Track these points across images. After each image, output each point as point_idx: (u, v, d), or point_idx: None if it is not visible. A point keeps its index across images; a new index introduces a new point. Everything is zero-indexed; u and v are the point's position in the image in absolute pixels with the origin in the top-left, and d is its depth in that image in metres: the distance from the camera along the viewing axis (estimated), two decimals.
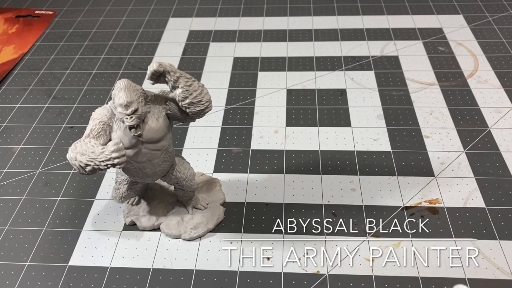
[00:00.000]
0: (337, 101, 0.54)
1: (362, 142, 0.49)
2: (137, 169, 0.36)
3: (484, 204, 0.42)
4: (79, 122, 0.53)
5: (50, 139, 0.51)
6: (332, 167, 0.46)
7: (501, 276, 0.36)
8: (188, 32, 0.68)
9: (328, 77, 0.58)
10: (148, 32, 0.69)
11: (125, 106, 0.32)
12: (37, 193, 0.45)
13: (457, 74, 0.57)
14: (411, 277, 0.36)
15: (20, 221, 0.42)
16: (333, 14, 0.70)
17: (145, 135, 0.34)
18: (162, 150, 0.35)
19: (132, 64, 0.62)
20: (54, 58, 0.64)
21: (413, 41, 0.64)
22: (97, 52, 0.65)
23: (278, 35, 0.67)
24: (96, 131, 0.34)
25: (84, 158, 0.32)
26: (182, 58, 0.63)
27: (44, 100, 0.57)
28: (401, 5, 0.72)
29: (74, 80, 0.60)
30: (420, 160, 0.46)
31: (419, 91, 0.55)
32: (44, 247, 0.40)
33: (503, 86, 0.55)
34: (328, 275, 0.37)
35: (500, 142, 0.48)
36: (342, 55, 0.62)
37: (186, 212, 0.42)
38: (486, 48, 0.61)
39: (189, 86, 0.34)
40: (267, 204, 0.43)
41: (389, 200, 0.42)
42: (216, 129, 0.51)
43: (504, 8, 0.70)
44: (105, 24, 0.72)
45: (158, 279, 0.37)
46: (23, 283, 0.38)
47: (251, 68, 0.60)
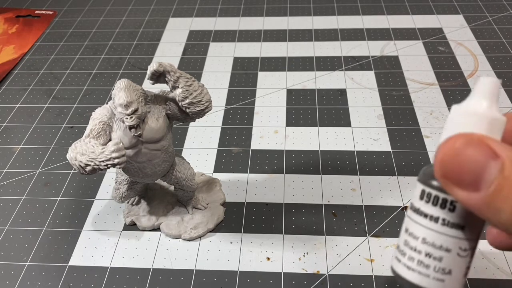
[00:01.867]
0: (337, 101, 0.54)
1: (362, 142, 0.49)
2: (137, 169, 0.36)
3: None
4: (79, 122, 0.53)
5: (50, 139, 0.51)
6: (332, 167, 0.46)
7: (501, 276, 0.36)
8: (188, 32, 0.68)
9: (328, 77, 0.58)
10: (148, 32, 0.69)
11: (125, 106, 0.32)
12: (37, 193, 0.45)
13: (457, 74, 0.57)
14: None
15: (20, 221, 0.42)
16: (333, 14, 0.70)
17: (145, 135, 0.34)
18: (162, 150, 0.35)
19: (132, 64, 0.62)
20: (54, 58, 0.64)
21: (413, 41, 0.64)
22: (97, 52, 0.65)
23: (278, 35, 0.67)
24: (96, 131, 0.34)
25: (84, 158, 0.32)
26: (182, 58, 0.63)
27: (44, 100, 0.57)
28: (401, 5, 0.72)
29: (74, 80, 0.60)
30: (420, 160, 0.46)
31: (419, 91, 0.55)
32: (44, 247, 0.40)
33: (503, 86, 0.55)
34: (328, 275, 0.37)
35: None
36: (342, 55, 0.62)
37: (186, 212, 0.42)
38: (486, 48, 0.61)
39: (189, 86, 0.34)
40: (267, 204, 0.43)
41: (389, 200, 0.42)
42: (216, 129, 0.51)
43: (504, 8, 0.70)
44: (105, 24, 0.72)
45: (158, 279, 0.37)
46: (23, 283, 0.38)
47: (251, 68, 0.60)
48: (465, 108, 0.19)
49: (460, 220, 0.19)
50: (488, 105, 0.19)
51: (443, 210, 0.19)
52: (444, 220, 0.19)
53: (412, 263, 0.20)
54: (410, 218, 0.20)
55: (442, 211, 0.19)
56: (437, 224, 0.19)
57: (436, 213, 0.19)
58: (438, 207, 0.19)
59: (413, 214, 0.20)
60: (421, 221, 0.20)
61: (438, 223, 0.19)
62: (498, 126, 0.19)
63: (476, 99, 0.19)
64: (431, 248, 0.19)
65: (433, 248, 0.19)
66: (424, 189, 0.20)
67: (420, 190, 0.20)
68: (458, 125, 0.19)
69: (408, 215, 0.21)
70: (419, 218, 0.20)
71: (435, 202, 0.19)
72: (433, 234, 0.19)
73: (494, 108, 0.19)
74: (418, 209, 0.20)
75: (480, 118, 0.19)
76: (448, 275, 0.19)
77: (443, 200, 0.19)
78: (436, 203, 0.19)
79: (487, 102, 0.19)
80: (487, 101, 0.19)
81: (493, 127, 0.19)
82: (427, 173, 0.20)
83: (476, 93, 0.19)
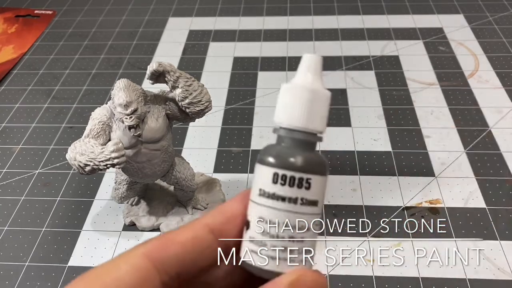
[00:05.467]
0: (337, 101, 0.54)
1: (363, 142, 0.48)
2: (137, 169, 0.35)
3: (485, 204, 0.42)
4: (78, 122, 0.53)
5: (50, 139, 0.51)
6: (332, 167, 0.46)
7: (502, 276, 0.36)
8: (188, 32, 0.68)
9: (329, 77, 0.58)
10: (148, 32, 0.69)
11: (125, 106, 0.32)
12: (37, 193, 0.45)
13: (457, 74, 0.57)
14: (412, 278, 0.36)
15: (19, 221, 0.42)
16: (333, 14, 0.70)
17: (144, 135, 0.34)
18: (162, 150, 0.35)
19: (131, 64, 0.62)
20: (53, 58, 0.64)
21: (414, 41, 0.63)
22: (97, 52, 0.65)
23: (278, 35, 0.66)
24: (95, 131, 0.34)
25: (84, 158, 0.32)
26: (182, 58, 0.63)
27: (43, 100, 0.57)
28: (401, 5, 0.72)
29: (74, 80, 0.60)
30: (420, 160, 0.46)
31: (420, 91, 0.55)
32: (43, 247, 0.40)
33: (504, 86, 0.55)
34: (329, 276, 0.37)
35: (501, 142, 0.48)
36: (343, 54, 0.62)
37: (186, 212, 0.42)
38: (487, 48, 0.61)
39: (188, 86, 0.34)
40: None
41: (390, 200, 0.42)
42: (216, 129, 0.51)
43: (505, 7, 0.70)
44: (104, 23, 0.71)
45: None
46: (22, 284, 0.37)
47: (251, 68, 0.60)
48: (293, 83, 0.20)
49: (315, 196, 0.19)
50: (312, 79, 0.20)
51: (300, 189, 0.19)
52: (303, 199, 0.19)
53: (275, 252, 0.19)
54: (263, 206, 0.19)
55: (300, 191, 0.19)
56: (297, 205, 0.19)
57: (294, 194, 0.19)
58: (295, 187, 0.19)
59: (267, 201, 0.19)
60: (278, 205, 0.19)
61: (298, 204, 0.19)
62: (323, 98, 0.20)
63: (302, 73, 0.20)
64: (293, 231, 0.19)
65: (295, 231, 0.19)
66: (277, 172, 0.19)
67: (272, 174, 0.19)
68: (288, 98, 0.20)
69: (258, 202, 0.20)
70: (275, 203, 0.19)
71: (292, 183, 0.19)
72: (294, 216, 0.19)
73: (318, 81, 0.20)
74: (274, 194, 0.19)
75: (306, 90, 0.20)
76: (310, 253, 0.20)
77: (300, 179, 0.19)
78: (293, 183, 0.19)
79: (311, 75, 0.20)
80: (311, 75, 0.20)
81: (318, 98, 0.20)
82: (278, 155, 0.19)
83: (301, 69, 0.20)
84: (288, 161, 0.19)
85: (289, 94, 0.20)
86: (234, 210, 0.20)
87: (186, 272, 0.19)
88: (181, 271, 0.19)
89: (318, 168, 0.19)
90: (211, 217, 0.20)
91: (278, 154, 0.19)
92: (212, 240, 0.19)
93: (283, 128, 0.20)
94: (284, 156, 0.19)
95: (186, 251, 0.19)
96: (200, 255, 0.19)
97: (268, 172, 0.19)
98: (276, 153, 0.20)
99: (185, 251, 0.19)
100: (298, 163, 0.19)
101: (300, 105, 0.20)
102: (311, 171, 0.19)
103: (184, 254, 0.19)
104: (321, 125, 0.20)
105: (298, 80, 0.20)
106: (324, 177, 0.20)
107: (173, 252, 0.19)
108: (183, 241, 0.19)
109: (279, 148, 0.20)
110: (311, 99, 0.19)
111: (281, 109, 0.20)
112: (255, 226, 0.20)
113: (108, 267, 0.17)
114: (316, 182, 0.19)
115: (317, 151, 0.20)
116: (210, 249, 0.19)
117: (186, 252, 0.19)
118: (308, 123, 0.20)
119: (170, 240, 0.19)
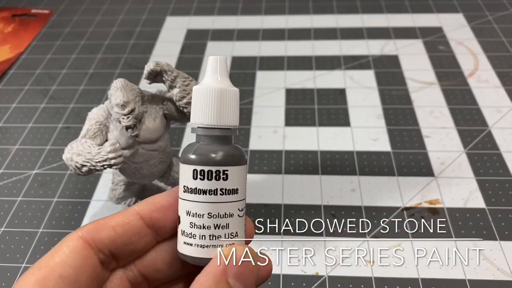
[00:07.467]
0: (336, 100, 0.54)
1: (362, 142, 0.48)
2: (134, 169, 0.35)
3: (485, 204, 0.41)
4: (75, 122, 0.53)
5: (46, 139, 0.51)
6: (332, 168, 0.45)
7: (502, 277, 0.36)
8: (186, 31, 0.68)
9: (328, 77, 0.58)
10: (145, 31, 0.68)
11: (122, 106, 0.31)
12: (33, 194, 0.45)
13: (457, 73, 0.57)
14: (411, 278, 0.36)
15: (16, 222, 0.42)
16: (332, 13, 0.70)
17: (142, 135, 0.33)
18: (159, 151, 0.35)
19: (129, 63, 0.62)
20: (50, 58, 0.64)
21: (413, 40, 0.63)
22: (94, 51, 0.65)
23: (277, 34, 0.66)
24: (92, 131, 0.33)
25: (80, 159, 0.32)
26: (180, 57, 0.63)
27: (40, 100, 0.56)
28: (400, 4, 0.71)
29: (71, 80, 0.59)
30: (420, 160, 0.46)
31: (419, 90, 0.55)
32: (40, 249, 0.40)
33: (503, 86, 0.55)
34: (328, 277, 0.36)
35: (501, 142, 0.47)
36: (342, 54, 0.61)
37: None
38: (486, 47, 0.61)
39: (186, 85, 0.33)
40: (265, 205, 0.42)
41: (389, 201, 0.42)
42: None
43: (504, 7, 0.69)
44: (101, 23, 0.71)
45: None
46: None
47: (249, 67, 0.60)
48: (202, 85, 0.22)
49: (234, 185, 0.21)
50: (219, 78, 0.22)
51: (218, 181, 0.21)
52: (222, 190, 0.21)
53: (205, 241, 0.21)
54: (188, 201, 0.21)
55: (218, 182, 0.21)
56: (217, 196, 0.21)
57: (213, 186, 0.21)
58: (214, 180, 0.21)
59: (191, 196, 0.21)
60: (201, 198, 0.21)
61: (218, 194, 0.21)
62: (231, 95, 0.22)
63: (209, 75, 0.22)
64: (217, 219, 0.21)
65: (220, 218, 0.21)
66: (196, 168, 0.21)
67: (192, 171, 0.21)
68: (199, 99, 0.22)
69: (184, 198, 0.21)
70: (198, 197, 0.21)
71: (210, 177, 0.21)
72: (216, 206, 0.21)
73: (225, 80, 0.22)
74: (195, 189, 0.21)
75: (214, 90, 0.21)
76: (236, 237, 0.22)
77: (217, 172, 0.21)
78: (211, 177, 0.21)
79: (218, 76, 0.22)
80: (218, 75, 0.22)
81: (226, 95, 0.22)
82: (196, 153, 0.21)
83: (208, 71, 0.22)
84: (205, 157, 0.21)
85: (200, 95, 0.22)
86: (164, 201, 0.22)
87: (120, 253, 0.21)
88: (115, 251, 0.21)
89: (234, 159, 0.21)
90: (142, 205, 0.22)
91: (196, 152, 0.21)
92: (142, 226, 0.22)
93: (199, 127, 0.22)
94: (201, 153, 0.21)
95: (117, 234, 0.21)
96: (131, 239, 0.21)
97: (189, 169, 0.21)
98: (194, 151, 0.21)
99: (116, 234, 0.21)
100: (214, 158, 0.21)
101: (211, 104, 0.22)
102: (227, 163, 0.21)
103: (115, 236, 0.21)
104: (233, 119, 0.22)
105: (206, 81, 0.22)
106: (242, 166, 0.22)
107: (105, 235, 0.21)
108: (114, 225, 0.21)
109: (197, 146, 0.22)
110: (220, 97, 0.22)
111: (195, 110, 0.22)
112: (184, 219, 0.21)
113: (53, 252, 0.20)
114: (233, 172, 0.21)
115: (234, 145, 0.22)
116: (140, 234, 0.22)
117: (117, 235, 0.21)
118: (220, 120, 0.22)
119: (103, 224, 0.21)
